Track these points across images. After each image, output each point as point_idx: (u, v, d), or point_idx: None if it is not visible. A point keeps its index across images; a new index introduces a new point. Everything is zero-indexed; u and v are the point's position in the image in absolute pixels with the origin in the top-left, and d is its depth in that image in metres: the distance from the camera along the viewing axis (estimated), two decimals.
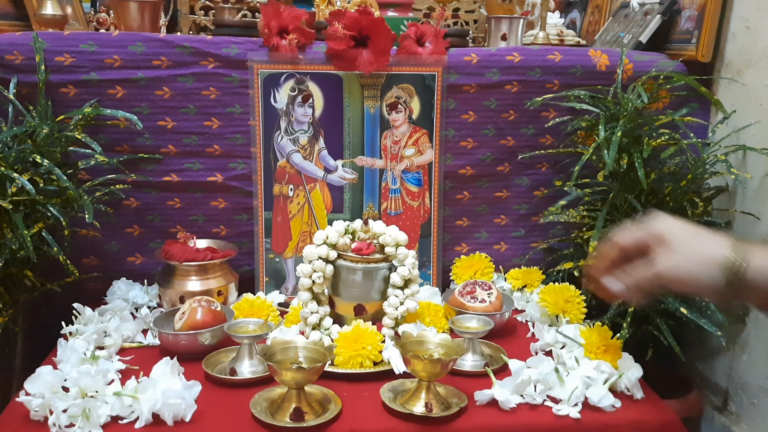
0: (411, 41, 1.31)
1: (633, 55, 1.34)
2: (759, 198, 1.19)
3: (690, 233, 0.79)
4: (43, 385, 0.90)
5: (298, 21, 1.27)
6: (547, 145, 1.38)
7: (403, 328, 1.05)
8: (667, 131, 1.26)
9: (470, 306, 1.18)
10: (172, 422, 0.89)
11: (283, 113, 1.30)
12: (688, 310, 1.14)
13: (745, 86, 1.24)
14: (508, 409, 0.94)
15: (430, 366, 0.91)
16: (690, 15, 1.35)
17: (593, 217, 1.28)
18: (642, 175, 1.12)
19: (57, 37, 1.22)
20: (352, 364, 1.02)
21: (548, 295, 1.20)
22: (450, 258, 1.40)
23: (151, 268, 1.31)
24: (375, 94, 1.32)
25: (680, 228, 0.81)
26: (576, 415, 0.94)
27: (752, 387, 1.21)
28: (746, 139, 1.22)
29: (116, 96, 1.25)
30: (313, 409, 0.91)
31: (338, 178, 1.35)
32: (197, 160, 1.31)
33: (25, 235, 1.04)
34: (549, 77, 1.33)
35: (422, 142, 1.35)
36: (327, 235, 1.11)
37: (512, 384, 0.96)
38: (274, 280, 1.35)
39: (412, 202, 1.37)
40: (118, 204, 1.29)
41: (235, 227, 1.35)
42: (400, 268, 1.10)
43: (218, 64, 1.27)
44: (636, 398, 0.98)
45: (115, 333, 1.09)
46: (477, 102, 1.34)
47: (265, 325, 1.07)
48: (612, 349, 1.03)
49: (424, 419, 0.91)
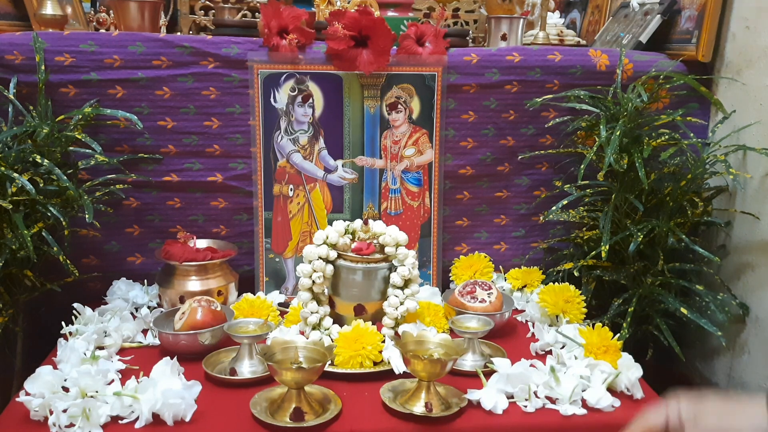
0: (411, 41, 1.31)
1: (633, 55, 1.34)
2: (759, 198, 1.19)
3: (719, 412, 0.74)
4: (43, 385, 0.90)
5: (298, 21, 1.27)
6: (547, 145, 1.38)
7: (403, 328, 1.05)
8: (667, 131, 1.26)
9: (470, 306, 1.18)
10: (172, 422, 0.89)
11: (283, 113, 1.30)
12: (688, 310, 1.14)
13: (745, 86, 1.24)
14: (501, 412, 0.94)
15: (430, 366, 0.91)
16: (690, 15, 1.35)
17: (593, 218, 1.28)
18: (642, 175, 1.12)
19: (57, 37, 1.22)
20: (352, 364, 1.02)
21: (548, 296, 1.20)
22: (450, 258, 1.40)
23: (151, 268, 1.31)
24: (375, 94, 1.32)
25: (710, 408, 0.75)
26: (574, 414, 0.94)
27: (752, 387, 1.21)
28: (746, 139, 1.22)
29: (116, 96, 1.25)
30: (313, 409, 0.91)
31: (338, 178, 1.35)
32: (197, 160, 1.31)
33: (25, 235, 1.04)
34: (549, 77, 1.33)
35: (422, 142, 1.35)
36: (327, 235, 1.11)
37: (501, 385, 0.96)
38: (274, 280, 1.35)
39: (412, 202, 1.37)
40: (118, 204, 1.29)
41: (235, 227, 1.35)
42: (400, 268, 1.10)
43: (218, 64, 1.27)
44: (636, 398, 0.98)
45: (115, 333, 1.09)
46: (477, 102, 1.34)
47: (265, 325, 1.07)
48: (612, 349, 1.03)
49: (424, 419, 0.91)
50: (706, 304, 1.17)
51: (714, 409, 0.75)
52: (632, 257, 1.19)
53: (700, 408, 0.75)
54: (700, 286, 1.19)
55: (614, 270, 1.24)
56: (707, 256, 1.16)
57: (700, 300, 1.18)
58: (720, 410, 0.75)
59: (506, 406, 0.94)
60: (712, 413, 0.74)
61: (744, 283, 1.22)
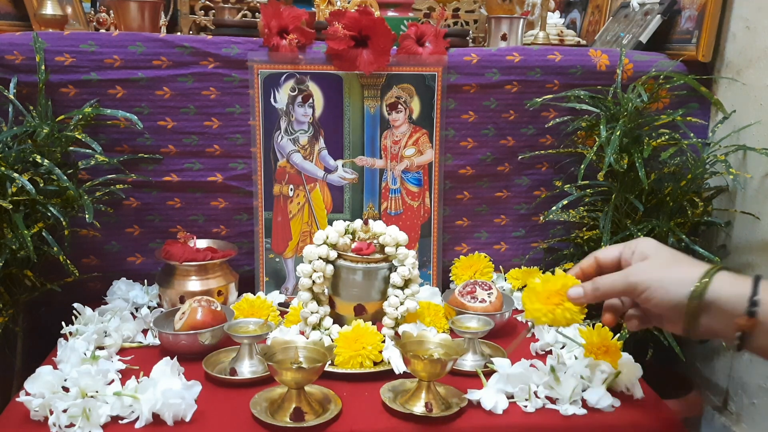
0: (411, 41, 1.31)
1: (633, 55, 1.34)
2: (759, 198, 1.19)
3: (670, 253, 0.80)
4: (43, 385, 0.90)
5: (298, 21, 1.27)
6: (547, 145, 1.38)
7: (403, 328, 1.05)
8: (667, 131, 1.26)
9: (470, 306, 1.18)
10: (172, 422, 0.89)
11: (283, 113, 1.30)
12: None
13: (745, 86, 1.24)
14: (501, 412, 0.94)
15: (430, 366, 0.91)
16: (690, 15, 1.35)
17: (593, 218, 1.28)
18: (642, 175, 1.12)
19: (57, 37, 1.22)
20: (352, 364, 1.02)
21: None
22: (450, 258, 1.40)
23: (151, 268, 1.31)
24: (375, 94, 1.32)
25: (662, 248, 0.81)
26: (575, 414, 0.94)
27: (752, 387, 1.21)
28: (746, 139, 1.22)
29: (116, 96, 1.25)
30: (313, 409, 0.91)
31: (338, 178, 1.35)
32: (197, 160, 1.31)
33: (25, 235, 1.04)
34: (549, 77, 1.33)
35: (422, 142, 1.35)
36: (327, 235, 1.11)
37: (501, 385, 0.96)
38: (274, 280, 1.35)
39: (412, 202, 1.37)
40: (118, 204, 1.29)
41: (235, 227, 1.35)
42: (400, 268, 1.10)
43: (218, 64, 1.27)
44: (636, 398, 0.98)
45: (115, 333, 1.09)
46: (477, 102, 1.34)
47: (265, 325, 1.07)
48: (612, 349, 1.03)
49: (424, 419, 0.91)
50: None
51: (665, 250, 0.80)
52: None
53: (652, 244, 0.81)
54: None
55: None
56: (707, 256, 1.16)
57: None
58: (671, 252, 0.80)
59: (506, 406, 0.94)
60: (663, 251, 0.80)
61: None
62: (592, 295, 0.85)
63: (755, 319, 0.69)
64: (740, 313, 0.70)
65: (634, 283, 0.79)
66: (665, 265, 0.78)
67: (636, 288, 0.78)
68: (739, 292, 0.71)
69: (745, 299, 0.70)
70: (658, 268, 0.78)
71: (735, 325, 0.71)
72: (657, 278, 0.77)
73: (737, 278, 0.73)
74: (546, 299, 0.87)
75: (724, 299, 0.72)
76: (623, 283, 0.80)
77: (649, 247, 0.81)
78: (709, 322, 0.74)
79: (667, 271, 0.77)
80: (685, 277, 0.75)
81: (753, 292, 0.70)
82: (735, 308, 0.71)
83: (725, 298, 0.72)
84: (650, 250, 0.81)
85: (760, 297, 0.70)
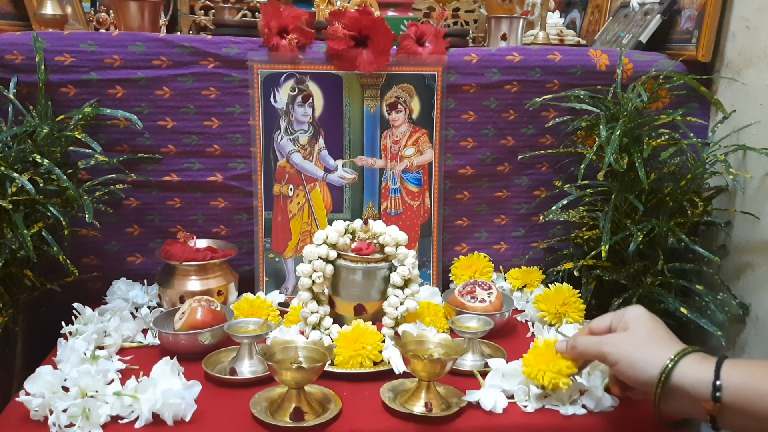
0: (411, 41, 1.31)
1: (633, 55, 1.34)
2: (759, 198, 1.19)
3: (649, 328, 0.81)
4: (43, 384, 0.90)
5: (298, 21, 1.27)
6: (547, 145, 1.38)
7: (403, 327, 1.05)
8: (667, 131, 1.26)
9: (470, 306, 1.18)
10: (172, 422, 0.89)
11: (283, 113, 1.30)
12: (688, 310, 1.14)
13: (745, 86, 1.24)
14: (500, 411, 0.94)
15: (430, 366, 0.91)
16: (690, 15, 1.35)
17: (593, 217, 1.28)
18: (642, 175, 1.12)
19: (57, 37, 1.22)
20: (352, 363, 1.02)
21: (544, 304, 1.20)
22: (450, 258, 1.40)
23: (151, 268, 1.31)
24: (375, 94, 1.32)
25: (644, 320, 0.82)
26: (574, 414, 0.94)
27: None
28: (746, 139, 1.22)
29: (116, 96, 1.25)
30: (313, 409, 0.91)
31: (338, 178, 1.35)
32: (197, 159, 1.31)
33: (25, 234, 1.04)
34: (549, 77, 1.33)
35: (422, 142, 1.35)
36: (327, 235, 1.11)
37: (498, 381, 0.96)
38: (274, 280, 1.35)
39: (412, 202, 1.37)
40: (118, 204, 1.29)
41: (235, 227, 1.35)
42: (400, 268, 1.10)
43: (218, 64, 1.27)
44: (636, 398, 0.98)
45: (115, 333, 1.09)
46: (477, 102, 1.34)
47: (265, 325, 1.07)
48: None
49: (424, 419, 0.91)
50: (706, 304, 1.17)
51: (648, 323, 0.81)
52: (632, 257, 1.19)
53: (639, 315, 0.82)
54: (700, 286, 1.18)
55: (614, 270, 1.24)
56: (707, 256, 1.16)
57: (700, 300, 1.18)
58: (653, 326, 0.81)
59: (506, 405, 0.94)
60: (645, 324, 0.81)
61: (744, 283, 1.22)
62: (570, 353, 0.88)
63: (720, 404, 0.70)
64: (706, 398, 0.71)
65: (605, 353, 0.80)
66: (639, 342, 0.79)
67: (606, 359, 0.81)
68: (703, 377, 0.72)
69: (708, 384, 0.71)
70: (630, 343, 0.79)
71: (703, 408, 0.71)
72: (626, 355, 0.78)
73: (703, 361, 0.74)
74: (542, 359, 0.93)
75: (689, 385, 0.72)
76: (596, 350, 0.83)
77: (633, 317, 0.82)
78: (678, 404, 0.75)
79: (638, 350, 0.78)
80: (652, 358, 0.75)
81: (715, 377, 0.71)
82: (701, 393, 0.71)
83: (689, 383, 0.72)
84: (632, 321, 0.81)
85: (722, 382, 0.70)
